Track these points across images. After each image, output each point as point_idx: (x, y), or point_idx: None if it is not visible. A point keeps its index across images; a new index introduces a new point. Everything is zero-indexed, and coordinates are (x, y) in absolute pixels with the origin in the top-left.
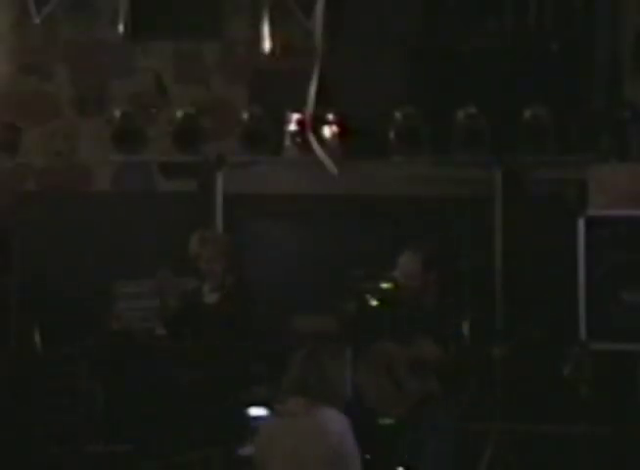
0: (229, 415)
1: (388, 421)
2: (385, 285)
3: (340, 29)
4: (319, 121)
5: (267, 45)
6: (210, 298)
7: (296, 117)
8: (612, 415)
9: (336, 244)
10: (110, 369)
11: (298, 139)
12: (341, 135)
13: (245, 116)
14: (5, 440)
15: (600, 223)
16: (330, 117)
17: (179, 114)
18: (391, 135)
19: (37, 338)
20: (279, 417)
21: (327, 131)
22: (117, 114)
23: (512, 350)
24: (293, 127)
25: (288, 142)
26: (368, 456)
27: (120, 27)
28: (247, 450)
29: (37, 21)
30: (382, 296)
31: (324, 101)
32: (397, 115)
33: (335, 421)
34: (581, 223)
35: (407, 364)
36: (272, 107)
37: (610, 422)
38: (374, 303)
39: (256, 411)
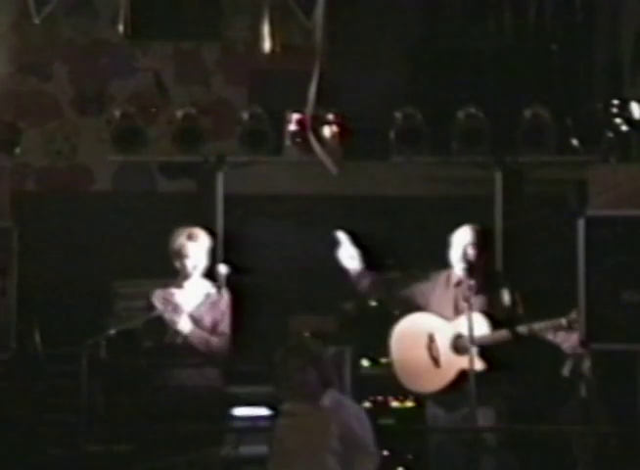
0: (229, 415)
1: (388, 421)
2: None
3: (340, 29)
4: (319, 121)
5: (267, 45)
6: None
7: (296, 117)
8: (612, 415)
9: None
10: (110, 369)
11: (298, 139)
12: (341, 135)
13: (245, 116)
14: (5, 440)
15: (600, 223)
16: (330, 117)
17: (179, 114)
18: (391, 135)
19: (37, 338)
20: (286, 417)
21: (327, 131)
22: (117, 114)
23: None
24: (293, 127)
25: (288, 142)
26: None
27: (120, 27)
28: (246, 450)
29: (37, 21)
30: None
31: (324, 101)
32: (397, 115)
33: (341, 409)
34: (581, 223)
35: (449, 338)
36: (272, 107)
37: (610, 422)
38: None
39: (256, 411)
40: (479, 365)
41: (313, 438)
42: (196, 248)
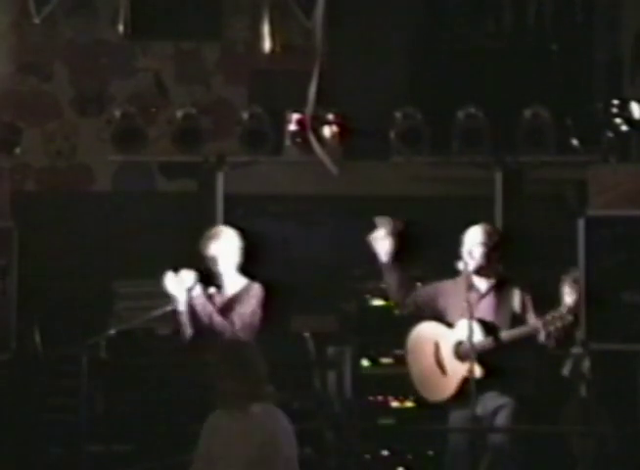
0: None
1: (388, 421)
2: (384, 285)
3: (340, 29)
4: (319, 121)
5: (267, 45)
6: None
7: (296, 117)
8: (612, 415)
9: (336, 244)
10: (110, 369)
11: (298, 139)
12: (341, 135)
13: (245, 116)
14: (5, 440)
15: (600, 223)
16: (330, 117)
17: (179, 114)
18: (391, 135)
19: (37, 338)
20: (223, 407)
21: (327, 131)
22: (117, 114)
23: None
24: (293, 127)
25: (288, 142)
26: (368, 456)
27: (120, 27)
28: None
29: (37, 21)
30: (382, 295)
31: (324, 101)
32: (397, 115)
33: (270, 419)
34: (581, 223)
35: (451, 346)
36: (272, 107)
37: (610, 422)
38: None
39: None
40: (478, 371)
41: (234, 444)
42: (217, 246)
